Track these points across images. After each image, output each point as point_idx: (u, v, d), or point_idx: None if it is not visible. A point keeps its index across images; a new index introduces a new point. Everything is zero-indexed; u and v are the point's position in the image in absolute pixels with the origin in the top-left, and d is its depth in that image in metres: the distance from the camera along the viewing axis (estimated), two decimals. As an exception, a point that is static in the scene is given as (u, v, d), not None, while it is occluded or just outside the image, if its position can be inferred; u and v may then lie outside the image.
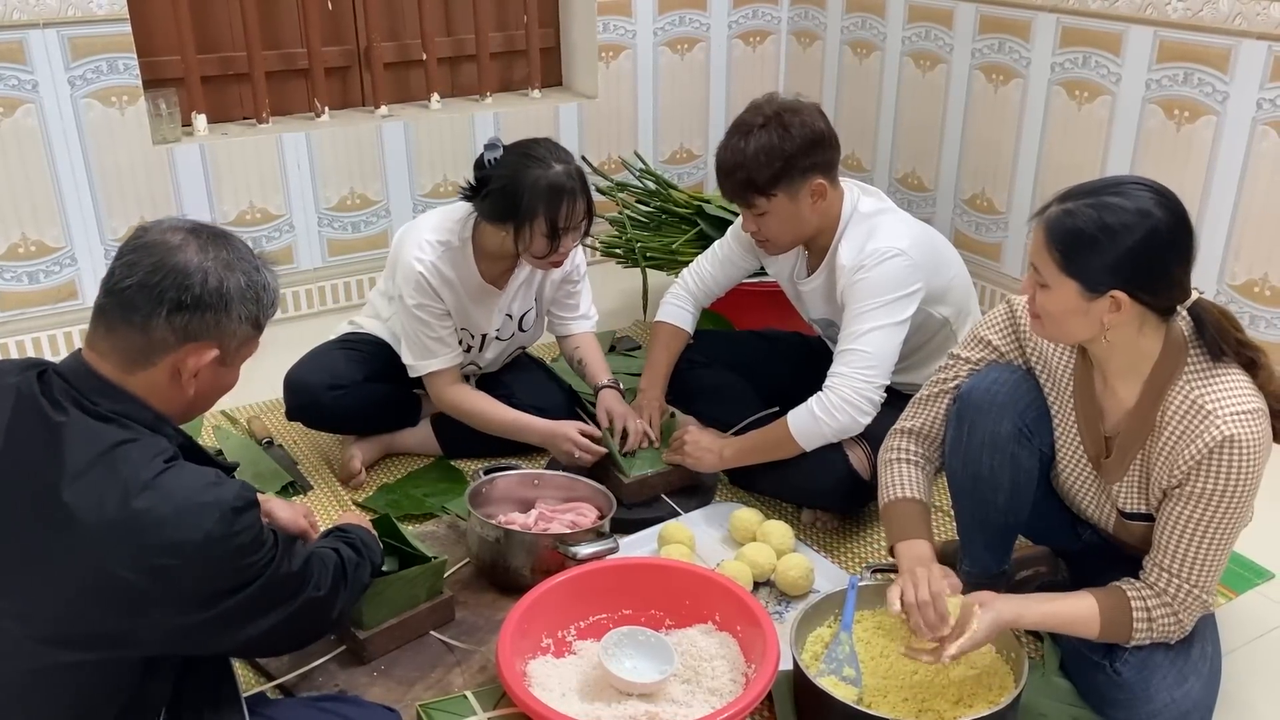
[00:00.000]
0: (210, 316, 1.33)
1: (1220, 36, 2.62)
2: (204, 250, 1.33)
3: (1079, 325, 1.57)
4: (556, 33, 3.80)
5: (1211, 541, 1.57)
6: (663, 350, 2.45)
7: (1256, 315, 2.66)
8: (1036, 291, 1.59)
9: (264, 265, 1.41)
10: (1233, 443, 1.51)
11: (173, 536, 1.25)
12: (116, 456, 1.27)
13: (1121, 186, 1.53)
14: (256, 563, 1.34)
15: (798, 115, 2.09)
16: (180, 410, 1.40)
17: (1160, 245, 1.50)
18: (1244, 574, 2.15)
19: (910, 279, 2.09)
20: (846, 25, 3.73)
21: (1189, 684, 1.62)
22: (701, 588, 1.87)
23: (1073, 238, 1.51)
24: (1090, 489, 1.78)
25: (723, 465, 2.29)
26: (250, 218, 3.22)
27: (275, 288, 1.42)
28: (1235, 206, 2.67)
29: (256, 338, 1.42)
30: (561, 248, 2.20)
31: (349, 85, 3.50)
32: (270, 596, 1.38)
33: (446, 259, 2.27)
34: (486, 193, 2.18)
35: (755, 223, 2.17)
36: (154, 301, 1.30)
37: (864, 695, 1.70)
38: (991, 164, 3.31)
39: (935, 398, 1.85)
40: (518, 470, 2.27)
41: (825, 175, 2.12)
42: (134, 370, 1.33)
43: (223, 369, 1.39)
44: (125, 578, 1.25)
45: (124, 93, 2.95)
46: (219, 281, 1.33)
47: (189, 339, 1.33)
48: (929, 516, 1.82)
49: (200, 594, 1.30)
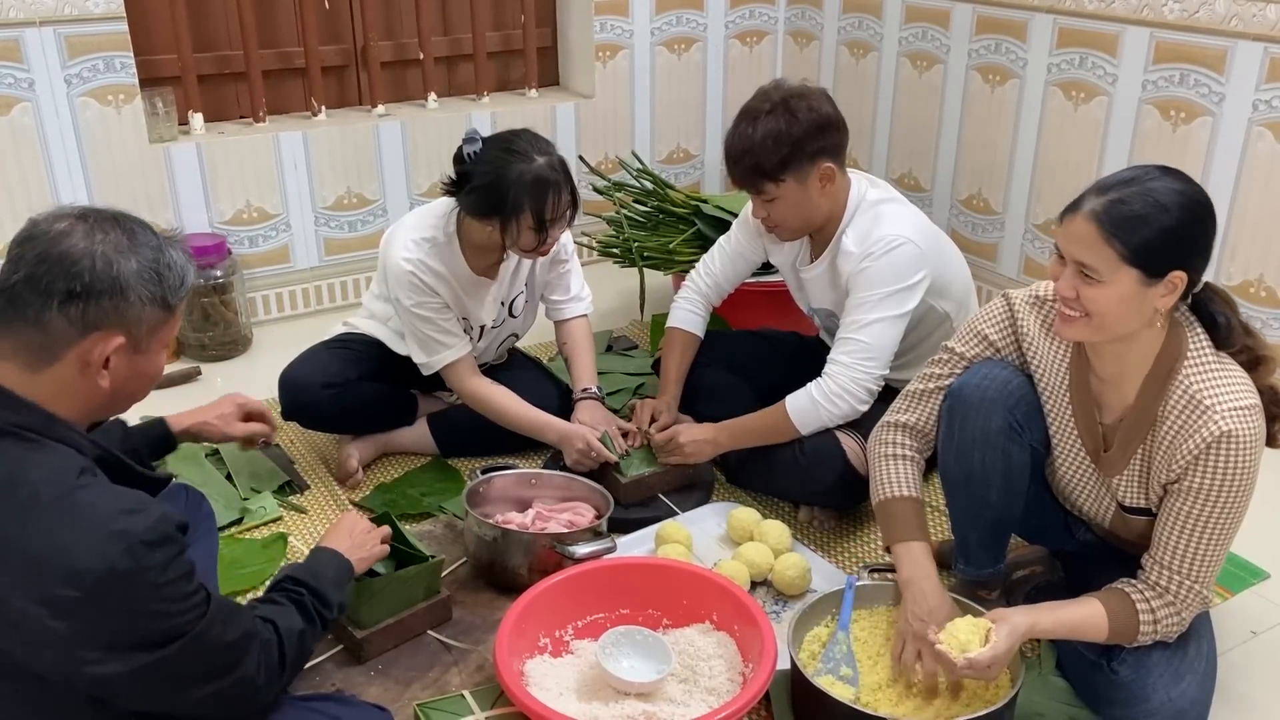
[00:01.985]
0: (107, 303, 1.25)
1: (1216, 38, 2.63)
2: (91, 235, 1.26)
3: (1132, 316, 1.54)
4: (553, 32, 3.80)
5: (1211, 537, 1.58)
6: (677, 359, 2.47)
7: (1252, 316, 2.66)
8: (1082, 290, 1.54)
9: (168, 243, 1.33)
10: (1230, 438, 1.52)
11: (72, 565, 1.17)
12: (16, 477, 1.20)
13: (1149, 172, 1.54)
14: (173, 613, 1.23)
15: (805, 100, 2.10)
16: (101, 405, 1.33)
17: (1205, 218, 1.53)
18: (1239, 574, 2.16)
19: (916, 268, 2.11)
20: (843, 26, 3.73)
21: (1185, 682, 1.63)
22: (699, 587, 1.87)
23: (1134, 223, 1.49)
24: (1088, 484, 1.78)
25: (719, 450, 2.31)
26: (247, 217, 3.22)
27: (182, 264, 1.33)
28: (1231, 207, 2.68)
29: (169, 319, 1.33)
30: (549, 239, 2.21)
31: (345, 84, 3.49)
32: (197, 665, 1.28)
33: (434, 255, 2.27)
34: (470, 188, 2.18)
35: (765, 209, 2.18)
36: (43, 294, 1.23)
37: (861, 694, 1.70)
38: (988, 164, 3.32)
39: (930, 393, 1.85)
40: (515, 470, 2.27)
41: (833, 159, 2.13)
42: (39, 369, 1.25)
43: (138, 356, 1.31)
44: (20, 608, 1.18)
45: (120, 91, 2.94)
46: (108, 265, 1.25)
47: (89, 329, 1.25)
48: (924, 514, 1.82)
49: (110, 638, 1.21)
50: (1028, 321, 1.76)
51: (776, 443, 2.23)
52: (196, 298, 3.04)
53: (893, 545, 1.79)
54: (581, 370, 2.51)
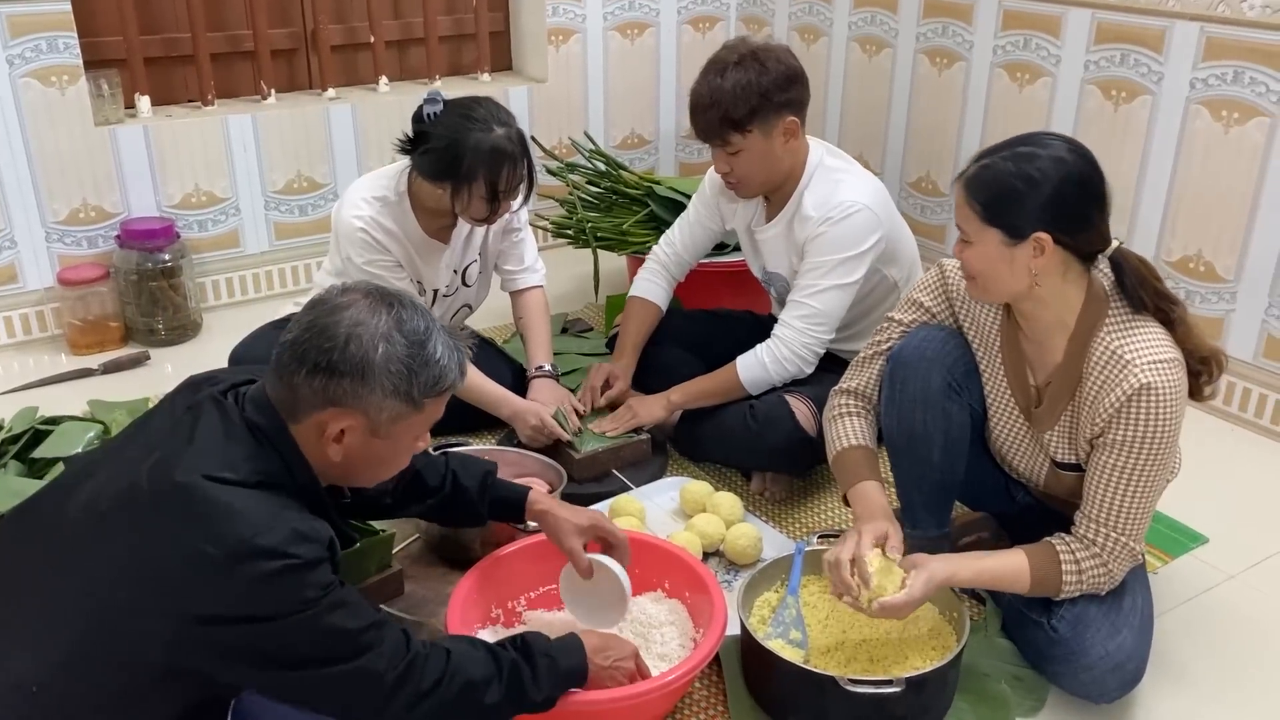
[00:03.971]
0: (347, 384, 1.30)
1: (1154, 18, 2.69)
2: (361, 313, 1.31)
3: (1008, 276, 1.62)
4: (506, 16, 3.80)
5: (1135, 489, 1.62)
6: (636, 326, 2.50)
7: (1192, 290, 2.72)
8: (964, 252, 1.65)
9: (443, 337, 1.36)
10: (1149, 390, 1.56)
11: (220, 531, 1.22)
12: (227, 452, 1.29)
13: (1034, 138, 1.62)
14: (302, 599, 1.25)
15: (772, 53, 2.14)
16: (334, 474, 1.40)
17: (1076, 186, 1.57)
18: (1179, 538, 2.21)
19: (871, 233, 2.17)
20: (794, 11, 3.77)
21: (1122, 635, 1.67)
22: (650, 555, 1.88)
23: (991, 187, 1.58)
24: (1022, 441, 1.83)
25: (671, 408, 2.35)
26: (196, 201, 3.18)
27: (446, 364, 1.35)
28: (1171, 184, 2.74)
29: (415, 414, 1.35)
30: (500, 209, 2.21)
31: (296, 68, 3.47)
32: (314, 646, 1.28)
33: (385, 213, 2.27)
34: (425, 149, 2.17)
35: (728, 162, 2.20)
36: (298, 359, 1.30)
37: (810, 657, 1.72)
38: (936, 147, 3.36)
39: (872, 359, 1.91)
40: (468, 446, 2.27)
41: (797, 113, 2.17)
42: (287, 421, 1.34)
43: (376, 440, 1.35)
44: (165, 555, 1.22)
45: (64, 72, 2.90)
46: (361, 349, 1.29)
47: (329, 403, 1.31)
48: (875, 459, 1.87)
49: (219, 608, 1.22)
50: (960, 286, 1.80)
51: (726, 401, 2.28)
52: (144, 282, 3.01)
53: (848, 491, 1.83)
54: (536, 347, 2.51)
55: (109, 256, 3.06)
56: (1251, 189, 2.57)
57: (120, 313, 3.05)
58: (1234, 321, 2.67)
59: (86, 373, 2.88)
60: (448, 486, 1.72)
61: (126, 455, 1.35)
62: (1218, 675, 1.85)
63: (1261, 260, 2.58)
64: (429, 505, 1.73)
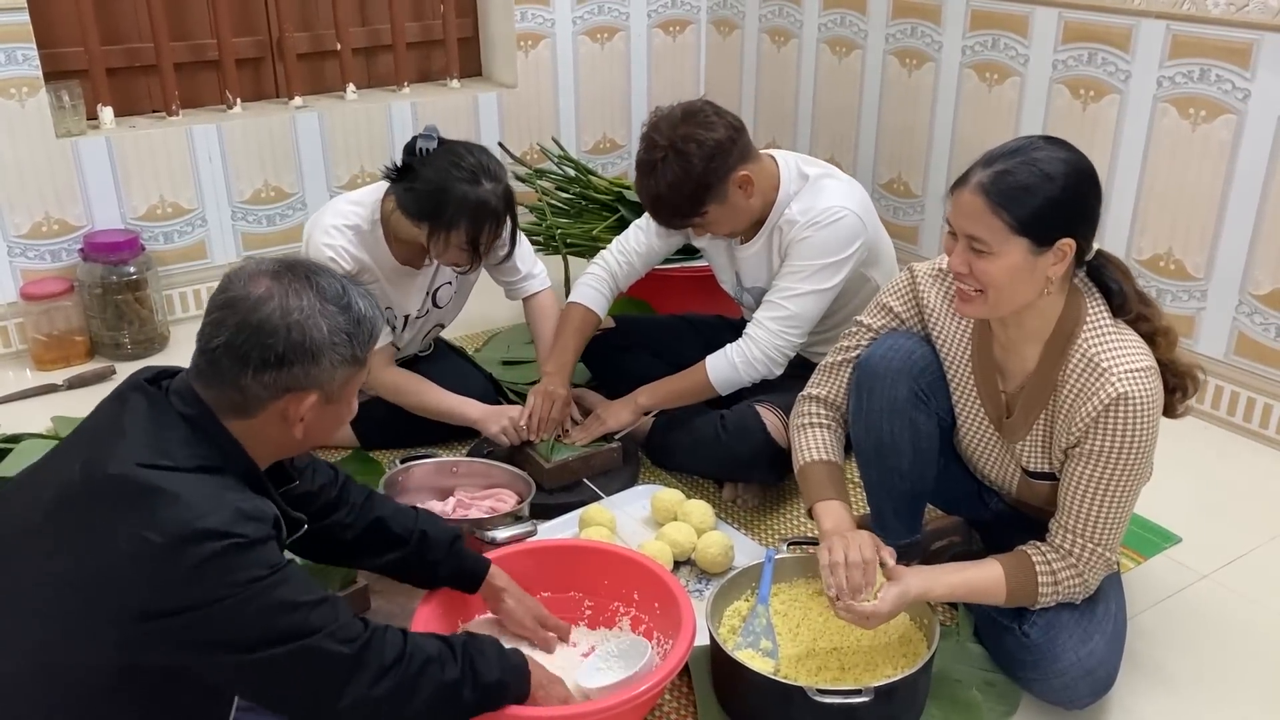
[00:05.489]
0: (299, 369, 1.30)
1: (1121, 16, 2.68)
2: (286, 300, 1.30)
3: (1025, 286, 1.56)
4: (474, 22, 3.77)
5: (1111, 499, 1.61)
6: (573, 336, 2.40)
7: (1163, 289, 2.72)
8: (974, 264, 1.56)
9: (356, 294, 1.37)
10: (1126, 400, 1.54)
11: (164, 517, 1.20)
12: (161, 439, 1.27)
13: (1034, 143, 1.57)
14: (250, 577, 1.23)
15: (691, 135, 2.07)
16: (292, 449, 1.41)
17: (1090, 184, 1.55)
18: (1152, 538, 2.20)
19: (855, 239, 2.16)
20: (764, 14, 3.75)
21: (1094, 642, 1.65)
22: (618, 567, 1.86)
23: (1021, 193, 1.51)
24: (992, 451, 1.81)
25: (639, 411, 2.33)
26: (161, 212, 3.14)
27: (371, 316, 1.37)
28: (1140, 183, 2.74)
29: (360, 371, 1.38)
30: (478, 265, 2.23)
31: (262, 77, 3.43)
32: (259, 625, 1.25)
33: (356, 242, 2.24)
34: (410, 186, 2.16)
35: (700, 232, 2.25)
36: (241, 361, 1.28)
37: (781, 666, 1.70)
38: (907, 148, 3.35)
39: (840, 365, 1.88)
40: (435, 459, 2.24)
41: (743, 165, 2.14)
42: (232, 419, 1.32)
43: (331, 406, 1.37)
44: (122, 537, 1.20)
45: (23, 84, 2.86)
46: (304, 333, 1.29)
47: (284, 391, 1.31)
48: (842, 477, 1.84)
49: (167, 599, 1.20)
50: (930, 293, 1.78)
51: (695, 401, 2.28)
52: (109, 295, 2.97)
53: (812, 506, 1.81)
54: (543, 353, 2.49)
55: (73, 270, 3.01)
56: (1220, 186, 2.57)
57: (85, 327, 3.01)
58: (1205, 319, 2.66)
59: (51, 388, 2.84)
60: (413, 542, 1.68)
61: (59, 456, 1.33)
62: (1192, 675, 1.85)
63: (1231, 257, 2.58)
64: (389, 560, 1.68)
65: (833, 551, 1.64)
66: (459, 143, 2.20)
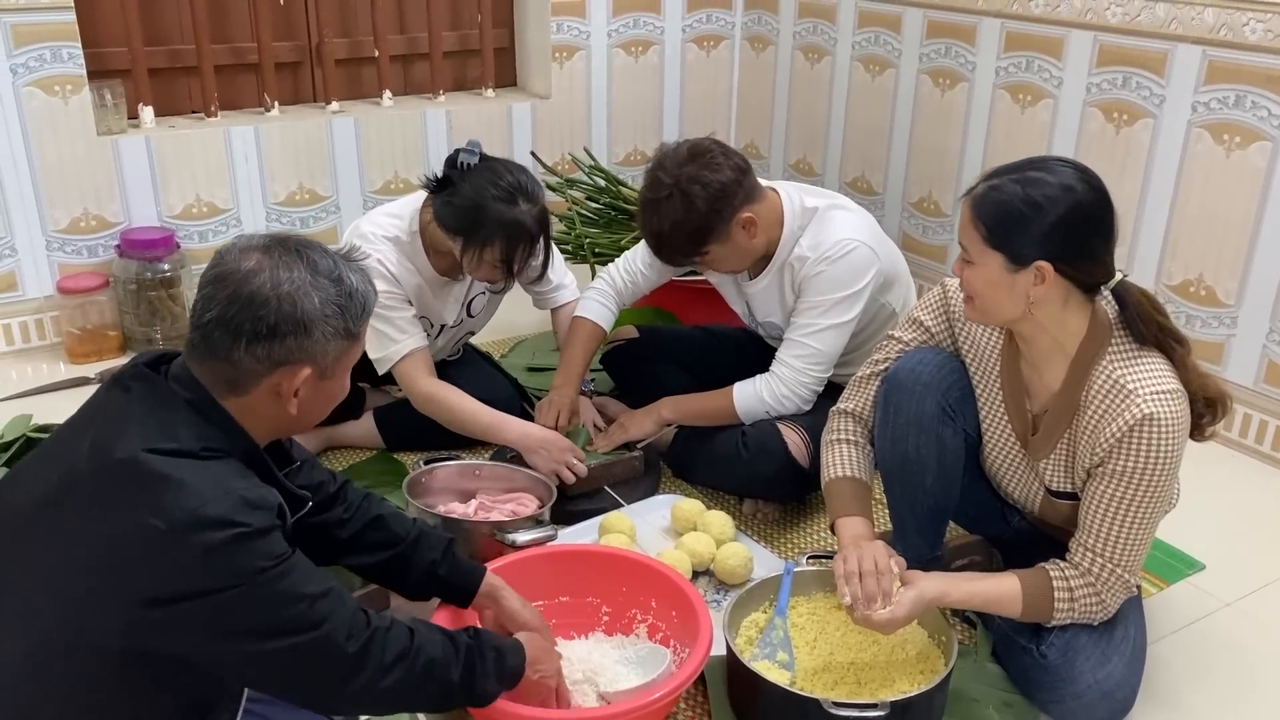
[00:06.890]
0: (291, 341, 1.30)
1: (1157, 41, 2.68)
2: (277, 273, 1.30)
3: (1006, 301, 1.59)
4: (510, 33, 3.81)
5: (1133, 520, 1.60)
6: (580, 349, 2.41)
7: (1193, 315, 2.70)
8: (964, 270, 1.62)
9: (348, 269, 1.36)
10: (1152, 421, 1.54)
11: (170, 504, 1.20)
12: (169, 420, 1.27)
13: (1045, 163, 1.58)
14: (254, 568, 1.23)
15: (697, 177, 2.07)
16: (288, 427, 1.40)
17: (1083, 217, 1.54)
18: (1175, 564, 2.19)
19: (869, 269, 2.15)
20: (798, 30, 3.77)
21: (1112, 664, 1.64)
22: (637, 574, 1.87)
23: (998, 210, 1.55)
24: (1017, 468, 1.81)
25: (662, 422, 2.34)
26: (197, 211, 3.19)
27: (363, 290, 1.37)
28: (1171, 208, 2.72)
29: (353, 345, 1.38)
30: (510, 285, 2.26)
31: (300, 81, 3.48)
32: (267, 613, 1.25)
33: (395, 252, 2.26)
34: (447, 199, 2.17)
35: (703, 269, 2.25)
36: (233, 334, 1.29)
37: (797, 679, 1.70)
38: (938, 167, 3.35)
39: (870, 379, 1.89)
40: (458, 461, 2.26)
41: (747, 206, 2.13)
42: (227, 396, 1.32)
43: (325, 382, 1.37)
44: (122, 529, 1.20)
45: (68, 82, 2.91)
46: (296, 305, 1.30)
47: (277, 365, 1.31)
48: (868, 494, 1.84)
49: (171, 586, 1.20)
50: (962, 308, 1.78)
51: (718, 425, 2.27)
52: (143, 291, 3.02)
53: (835, 521, 1.81)
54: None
55: (109, 265, 3.06)
56: (1253, 213, 2.55)
57: (119, 322, 3.06)
58: (1234, 347, 2.65)
59: (83, 381, 2.88)
60: (410, 540, 1.66)
61: (65, 440, 1.33)
62: (1211, 704, 1.83)
63: (1263, 285, 2.56)
64: (382, 559, 1.66)
65: (847, 561, 1.65)
66: (500, 160, 2.21)
